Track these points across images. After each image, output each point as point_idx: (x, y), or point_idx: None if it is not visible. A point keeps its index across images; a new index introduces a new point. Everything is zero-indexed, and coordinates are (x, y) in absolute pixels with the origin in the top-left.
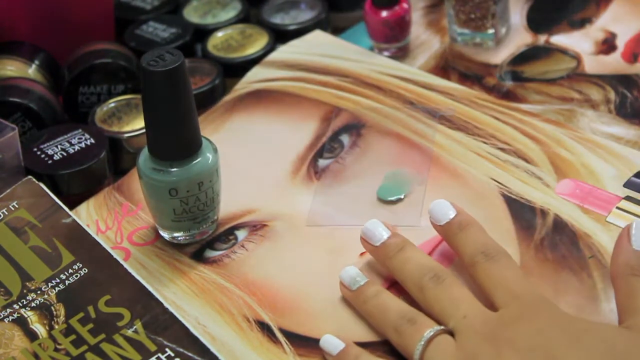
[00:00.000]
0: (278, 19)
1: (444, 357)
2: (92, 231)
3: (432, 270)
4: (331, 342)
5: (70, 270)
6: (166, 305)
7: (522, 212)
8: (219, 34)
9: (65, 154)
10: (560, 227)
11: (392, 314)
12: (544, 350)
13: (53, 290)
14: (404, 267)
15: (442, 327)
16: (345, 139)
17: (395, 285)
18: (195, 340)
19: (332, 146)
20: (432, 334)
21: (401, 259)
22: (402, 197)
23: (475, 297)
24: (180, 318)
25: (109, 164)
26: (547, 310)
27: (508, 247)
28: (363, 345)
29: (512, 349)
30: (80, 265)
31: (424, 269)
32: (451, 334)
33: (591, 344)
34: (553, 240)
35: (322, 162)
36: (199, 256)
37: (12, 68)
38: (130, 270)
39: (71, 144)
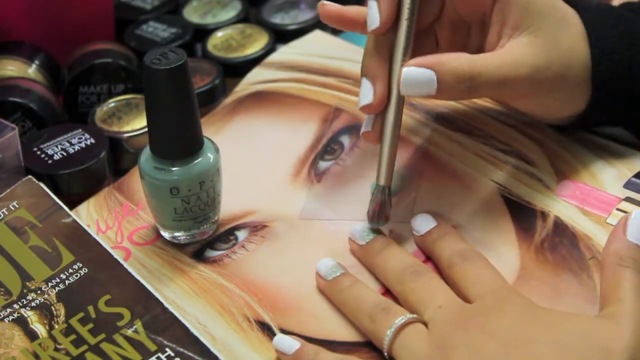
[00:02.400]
0: (278, 19)
1: (414, 344)
2: (92, 231)
3: (413, 266)
4: (285, 342)
5: (70, 270)
6: (166, 305)
7: (522, 214)
8: (219, 34)
9: (65, 153)
10: (560, 229)
11: (368, 303)
12: (519, 337)
13: (53, 290)
14: (386, 263)
15: (414, 316)
16: (345, 140)
17: (389, 293)
18: (196, 340)
19: (332, 148)
20: (403, 321)
21: (385, 256)
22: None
23: (452, 291)
24: (180, 318)
25: (109, 164)
26: (521, 302)
27: (508, 248)
28: (363, 345)
29: (486, 334)
30: (81, 265)
31: (406, 264)
32: (424, 324)
33: (567, 332)
34: (553, 242)
35: (322, 164)
36: (199, 256)
37: (12, 68)
38: (130, 270)
39: (71, 144)
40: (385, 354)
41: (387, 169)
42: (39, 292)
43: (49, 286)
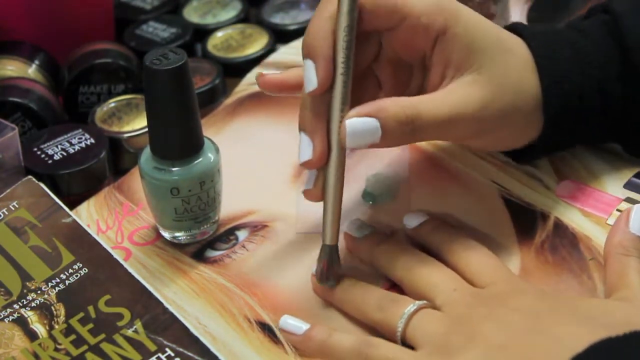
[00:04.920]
0: (278, 19)
1: (431, 324)
2: (92, 231)
3: (418, 255)
4: (294, 323)
5: (71, 270)
6: (166, 305)
7: (522, 215)
8: (219, 34)
9: (65, 153)
10: (560, 230)
11: (374, 296)
12: (543, 310)
13: (53, 290)
14: (390, 252)
15: (425, 302)
16: None
17: (395, 287)
18: (196, 340)
19: None
20: (415, 307)
21: (387, 246)
22: (390, 199)
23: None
24: (180, 318)
25: (109, 164)
26: (534, 287)
27: (508, 250)
28: None
29: (510, 309)
30: (81, 265)
31: (411, 253)
32: (435, 310)
33: (588, 307)
34: (553, 243)
35: None
36: (199, 256)
37: (12, 68)
38: (130, 270)
39: (71, 144)
40: (399, 341)
41: (332, 228)
42: (39, 292)
43: (49, 286)
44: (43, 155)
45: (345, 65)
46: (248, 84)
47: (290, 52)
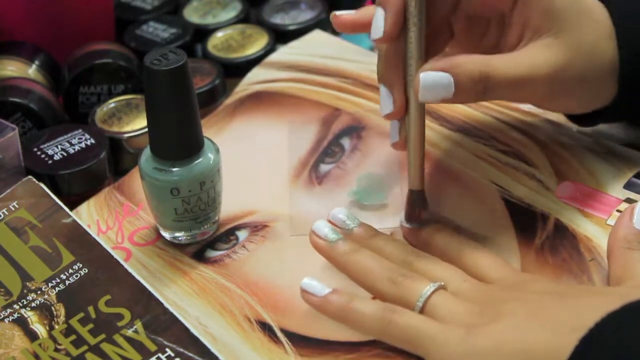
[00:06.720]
0: (278, 19)
1: (451, 304)
2: (92, 231)
3: (415, 251)
4: (316, 284)
5: (71, 270)
6: (166, 305)
7: (522, 216)
8: (219, 34)
9: (65, 154)
10: (560, 231)
11: (383, 267)
12: (565, 291)
13: (53, 290)
14: (384, 248)
15: (442, 283)
16: (346, 142)
17: None
18: (196, 340)
19: (333, 150)
20: (434, 288)
21: (380, 241)
22: (384, 201)
23: None
24: (180, 318)
25: (109, 164)
26: (546, 278)
27: (509, 251)
28: (364, 344)
29: (532, 292)
30: (81, 265)
31: (407, 249)
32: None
33: (605, 290)
34: (554, 244)
35: (323, 168)
36: (200, 256)
37: (12, 68)
38: (130, 270)
39: (71, 144)
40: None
41: (414, 173)
42: (39, 292)
43: (49, 286)
44: (43, 156)
45: (419, 18)
46: (248, 84)
47: (290, 52)
